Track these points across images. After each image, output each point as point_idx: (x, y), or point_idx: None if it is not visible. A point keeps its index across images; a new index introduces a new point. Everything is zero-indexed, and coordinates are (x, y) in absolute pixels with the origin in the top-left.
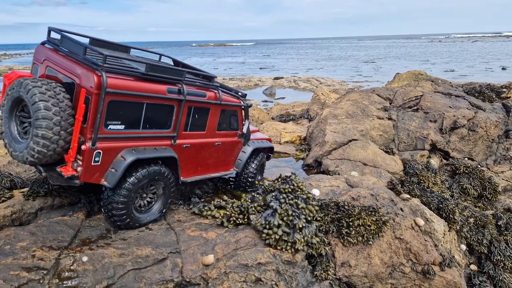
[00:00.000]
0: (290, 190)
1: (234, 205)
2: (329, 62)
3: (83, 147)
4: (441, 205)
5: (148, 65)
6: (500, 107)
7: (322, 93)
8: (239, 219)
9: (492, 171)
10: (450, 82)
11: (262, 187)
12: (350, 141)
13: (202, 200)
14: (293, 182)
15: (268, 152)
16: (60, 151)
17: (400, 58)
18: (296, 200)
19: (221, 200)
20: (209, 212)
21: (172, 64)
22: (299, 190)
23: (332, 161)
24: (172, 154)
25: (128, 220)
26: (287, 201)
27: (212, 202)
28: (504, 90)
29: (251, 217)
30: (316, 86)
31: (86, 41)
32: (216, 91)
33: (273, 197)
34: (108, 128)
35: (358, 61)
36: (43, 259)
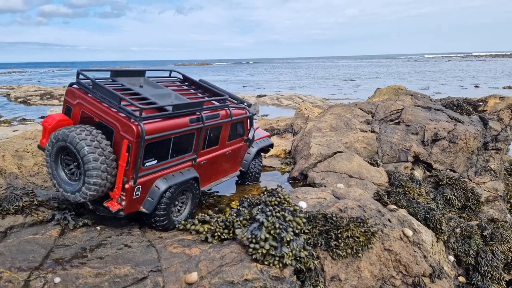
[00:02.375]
0: (276, 202)
1: (219, 219)
2: (310, 81)
3: (126, 185)
4: (427, 215)
5: (174, 106)
6: (478, 119)
7: (305, 108)
8: (224, 234)
9: (474, 182)
10: (429, 96)
11: (248, 200)
12: (335, 153)
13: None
14: (279, 194)
15: (268, 147)
16: (106, 191)
17: (378, 77)
18: (283, 213)
19: (206, 215)
20: (193, 227)
21: (182, 78)
22: (286, 202)
23: (318, 174)
24: (195, 174)
25: (168, 225)
26: (274, 214)
27: (196, 217)
28: (481, 103)
29: (237, 231)
30: (299, 104)
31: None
32: (227, 109)
33: (259, 210)
34: (145, 165)
35: (338, 80)
36: (11, 281)
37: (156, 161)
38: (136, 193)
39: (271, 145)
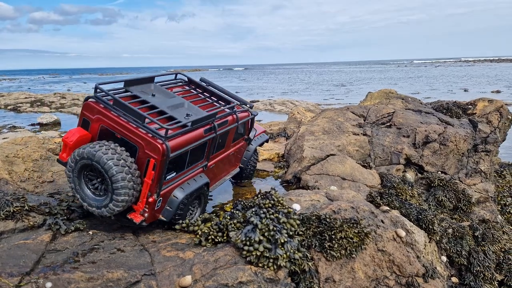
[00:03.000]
0: (270, 205)
1: (213, 222)
2: (302, 86)
3: (150, 199)
4: (420, 216)
5: (192, 122)
6: (467, 122)
7: (298, 112)
8: (218, 237)
9: (465, 184)
10: (420, 100)
11: (242, 203)
12: (328, 156)
13: None
14: (273, 197)
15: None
16: (130, 204)
17: (369, 82)
18: (277, 215)
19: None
20: (196, 228)
21: (187, 80)
22: (280, 205)
23: (311, 177)
24: (207, 180)
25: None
26: (268, 216)
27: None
28: (470, 106)
29: (231, 234)
30: (291, 109)
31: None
32: (234, 114)
33: (253, 212)
34: (166, 179)
35: (329, 85)
36: (1, 286)
37: (175, 173)
38: (158, 204)
39: (267, 140)
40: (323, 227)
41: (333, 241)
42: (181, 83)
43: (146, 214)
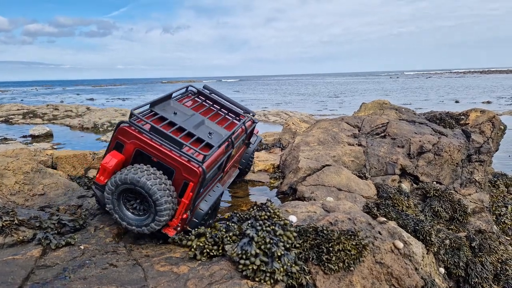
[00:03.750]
0: (266, 217)
1: (208, 235)
2: (296, 97)
3: (184, 216)
4: (417, 227)
5: (219, 141)
6: (461, 132)
7: (293, 123)
8: (213, 251)
9: (460, 194)
10: (413, 111)
11: (237, 215)
12: (324, 166)
13: None
14: (269, 209)
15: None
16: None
17: (362, 94)
18: (274, 227)
19: (198, 229)
20: (189, 242)
21: (196, 92)
22: (276, 216)
23: (307, 187)
24: (222, 189)
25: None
26: (264, 228)
27: (190, 232)
28: (463, 117)
29: (226, 247)
30: (285, 120)
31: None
32: (243, 125)
33: (249, 224)
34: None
35: (323, 96)
36: None
37: (202, 189)
38: (188, 218)
39: (261, 141)
40: (320, 239)
41: (331, 254)
42: (191, 95)
43: (178, 228)
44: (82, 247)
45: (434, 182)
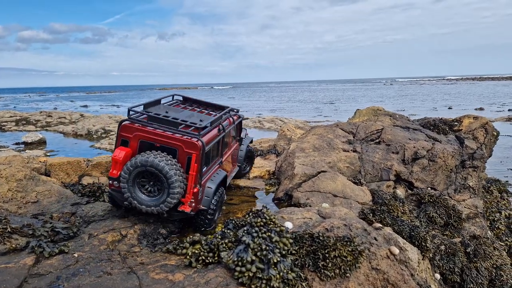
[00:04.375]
0: (262, 223)
1: (203, 242)
2: (291, 104)
3: (194, 190)
4: (412, 233)
5: (211, 122)
6: (454, 139)
7: (288, 129)
8: (208, 258)
9: (454, 200)
10: (407, 117)
11: (233, 221)
12: (319, 173)
13: (167, 240)
14: (265, 215)
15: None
16: (180, 198)
17: (356, 100)
18: (270, 234)
19: (193, 236)
20: (184, 251)
21: (182, 99)
22: (272, 223)
23: (303, 194)
24: (225, 173)
25: (213, 223)
26: (260, 235)
27: (185, 240)
28: (456, 123)
29: (222, 254)
30: (280, 126)
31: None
32: (230, 117)
33: (245, 231)
34: (202, 171)
35: (318, 103)
36: None
37: (205, 167)
38: (200, 195)
39: (251, 141)
40: (316, 246)
41: (327, 260)
42: (179, 102)
43: (193, 205)
44: (76, 255)
45: (429, 188)
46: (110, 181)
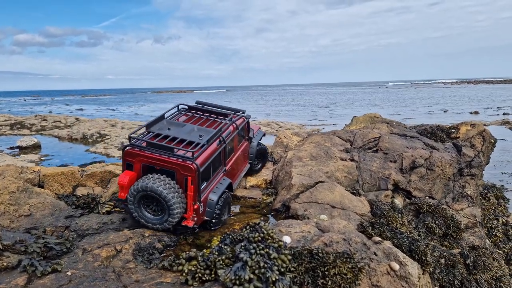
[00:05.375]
0: (260, 238)
1: (200, 259)
2: (286, 107)
3: (195, 206)
4: (412, 247)
5: (207, 140)
6: (452, 146)
7: (284, 136)
8: (205, 275)
9: (453, 209)
10: (404, 124)
11: (230, 236)
12: (317, 183)
13: (163, 254)
14: (262, 229)
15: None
16: (182, 215)
17: (351, 104)
18: (268, 250)
19: (189, 252)
20: (180, 267)
21: (187, 108)
22: (270, 238)
23: (300, 205)
24: (229, 181)
25: (220, 224)
26: (258, 252)
27: (181, 255)
28: (453, 130)
29: (219, 272)
30: (276, 130)
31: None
32: (233, 124)
33: (242, 247)
34: (201, 188)
35: (313, 106)
36: None
37: (205, 182)
38: (201, 209)
39: (264, 134)
40: (315, 263)
41: (327, 278)
42: (184, 111)
43: (195, 219)
44: (69, 273)
45: (427, 197)
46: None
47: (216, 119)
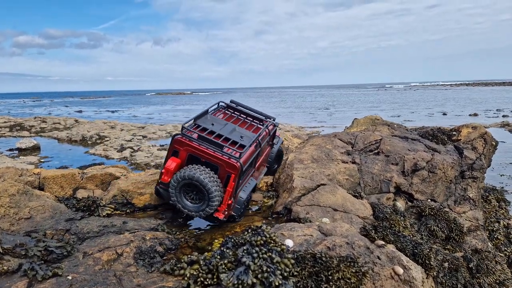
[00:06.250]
0: (262, 242)
1: (202, 262)
2: (285, 109)
3: (229, 202)
4: (416, 250)
5: (249, 142)
6: (453, 149)
7: (285, 138)
8: (207, 280)
9: (455, 212)
10: (405, 126)
11: (232, 240)
12: (319, 186)
13: (164, 258)
14: (265, 233)
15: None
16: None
17: (351, 105)
18: (270, 254)
19: (191, 255)
20: (181, 271)
21: (225, 106)
22: (272, 241)
23: (302, 208)
24: (256, 182)
25: (243, 216)
26: (261, 255)
27: (182, 259)
28: (454, 133)
29: (222, 276)
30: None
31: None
32: (266, 129)
33: (245, 251)
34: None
35: (312, 108)
36: None
37: (240, 180)
38: (232, 205)
39: (282, 142)
40: (319, 267)
41: (330, 283)
42: (222, 109)
43: (226, 213)
44: (70, 277)
45: (429, 200)
46: (159, 182)
47: (252, 123)
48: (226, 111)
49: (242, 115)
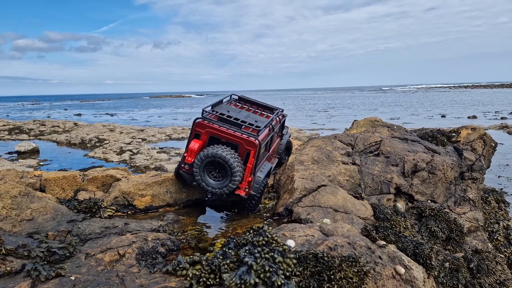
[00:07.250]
0: (264, 242)
1: (204, 263)
2: (285, 112)
3: (249, 179)
4: (417, 250)
5: (265, 123)
6: (453, 150)
7: None
8: (210, 280)
9: (455, 213)
10: (405, 128)
11: (234, 240)
12: (319, 187)
13: (166, 259)
14: (266, 233)
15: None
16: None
17: (350, 108)
18: (272, 254)
19: (194, 255)
20: (184, 272)
21: (237, 99)
22: (274, 242)
23: (303, 209)
24: (271, 165)
25: (256, 208)
26: (263, 255)
27: (185, 259)
28: (454, 134)
29: (224, 276)
30: None
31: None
32: (276, 117)
33: (247, 251)
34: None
35: (311, 110)
36: None
37: (258, 159)
38: (251, 182)
39: (290, 136)
40: (321, 267)
41: (332, 282)
42: (234, 101)
43: (246, 190)
44: (72, 277)
45: (429, 201)
46: (182, 165)
47: (263, 112)
48: (238, 103)
49: (253, 106)
